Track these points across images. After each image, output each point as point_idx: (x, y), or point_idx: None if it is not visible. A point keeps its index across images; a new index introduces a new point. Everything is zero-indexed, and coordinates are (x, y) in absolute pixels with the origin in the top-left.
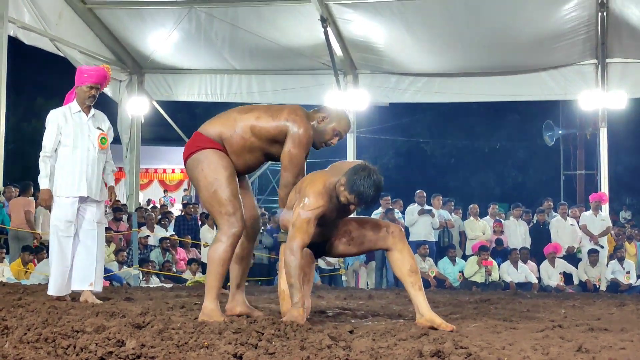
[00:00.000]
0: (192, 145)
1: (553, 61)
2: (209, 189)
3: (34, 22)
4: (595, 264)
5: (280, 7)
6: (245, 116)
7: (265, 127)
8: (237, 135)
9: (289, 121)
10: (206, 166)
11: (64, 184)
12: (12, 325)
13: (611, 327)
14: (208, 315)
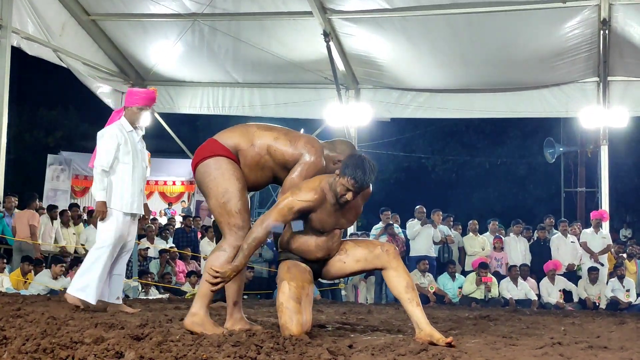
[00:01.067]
0: (205, 150)
1: (555, 78)
2: (219, 199)
3: (37, 33)
4: (595, 281)
5: (283, 21)
6: (264, 133)
7: (281, 150)
8: (254, 150)
9: (305, 150)
10: (219, 175)
11: (122, 200)
12: (10, 336)
13: (611, 345)
14: (200, 325)
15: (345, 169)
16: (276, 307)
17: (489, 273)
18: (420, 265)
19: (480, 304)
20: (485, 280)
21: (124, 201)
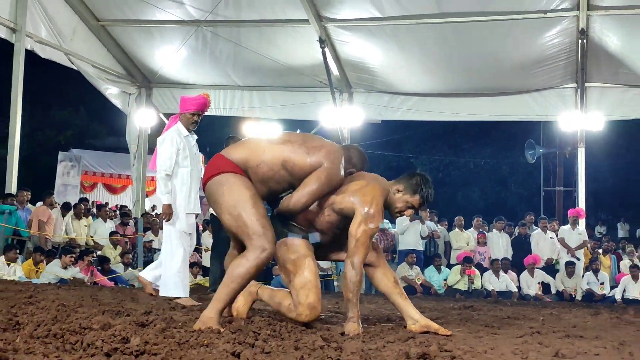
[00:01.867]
0: (212, 168)
1: (535, 84)
2: (233, 212)
3: (49, 37)
4: (572, 275)
5: (281, 28)
6: (277, 147)
7: (298, 164)
8: (265, 166)
9: (325, 160)
10: (227, 189)
11: (185, 201)
12: (23, 322)
13: (586, 334)
14: (204, 325)
15: (420, 189)
16: (299, 283)
17: (472, 266)
18: (409, 258)
19: (464, 295)
20: (469, 273)
21: (188, 203)
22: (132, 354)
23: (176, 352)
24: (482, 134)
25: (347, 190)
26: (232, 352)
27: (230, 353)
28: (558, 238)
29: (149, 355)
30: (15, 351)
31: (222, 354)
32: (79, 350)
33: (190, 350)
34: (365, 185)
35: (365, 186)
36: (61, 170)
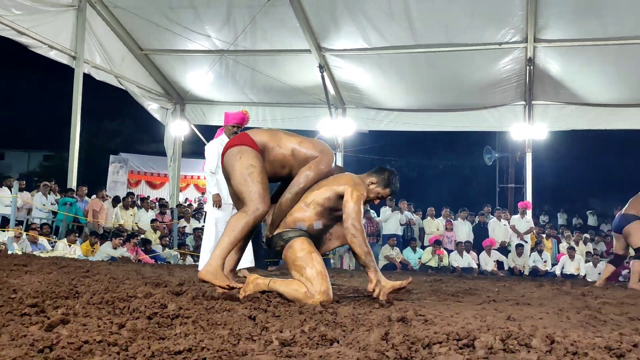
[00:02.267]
0: (237, 140)
1: (492, 101)
2: (244, 173)
3: (103, 63)
4: (520, 254)
5: (288, 56)
6: (290, 138)
7: (304, 152)
8: (279, 150)
9: (321, 152)
10: (245, 156)
11: (226, 195)
12: (81, 291)
13: (532, 302)
14: (212, 275)
15: (389, 184)
16: (312, 275)
17: (441, 247)
18: (390, 241)
19: (434, 270)
20: (438, 253)
21: (228, 196)
22: (168, 317)
23: (204, 315)
24: (449, 142)
25: (325, 185)
26: (249, 315)
27: (248, 317)
28: (510, 225)
29: (182, 319)
30: (75, 315)
31: (241, 317)
32: (126, 314)
33: (216, 315)
34: (338, 177)
35: (338, 177)
36: (112, 170)
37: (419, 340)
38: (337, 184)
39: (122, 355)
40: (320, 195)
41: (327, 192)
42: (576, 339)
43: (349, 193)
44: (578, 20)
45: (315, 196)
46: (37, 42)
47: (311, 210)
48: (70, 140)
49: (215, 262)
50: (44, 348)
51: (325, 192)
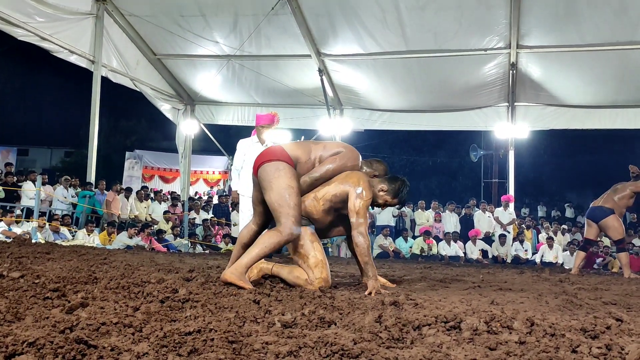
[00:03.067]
0: (272, 154)
1: (478, 103)
2: (283, 193)
3: (119, 66)
4: (503, 244)
5: (290, 61)
6: (316, 147)
7: (328, 153)
8: (311, 162)
9: (345, 148)
10: (284, 174)
11: (248, 188)
12: (99, 277)
13: (514, 287)
14: (237, 278)
15: (399, 194)
16: (313, 263)
17: (431, 237)
18: (384, 231)
19: (424, 258)
20: (428, 242)
21: (248, 189)
22: (179, 301)
23: (212, 300)
24: (438, 140)
25: (335, 180)
26: (253, 299)
27: (252, 301)
28: (494, 217)
29: (192, 302)
30: (94, 299)
31: (246, 301)
32: (140, 298)
33: (223, 299)
34: (348, 174)
35: (349, 174)
36: (128, 165)
37: (410, 322)
38: (346, 182)
39: (137, 336)
40: (330, 192)
41: (336, 190)
42: (554, 322)
43: (353, 201)
44: (557, 28)
45: (326, 192)
46: (58, 48)
47: (320, 206)
48: (89, 138)
49: (241, 268)
50: (64, 329)
51: (334, 189)
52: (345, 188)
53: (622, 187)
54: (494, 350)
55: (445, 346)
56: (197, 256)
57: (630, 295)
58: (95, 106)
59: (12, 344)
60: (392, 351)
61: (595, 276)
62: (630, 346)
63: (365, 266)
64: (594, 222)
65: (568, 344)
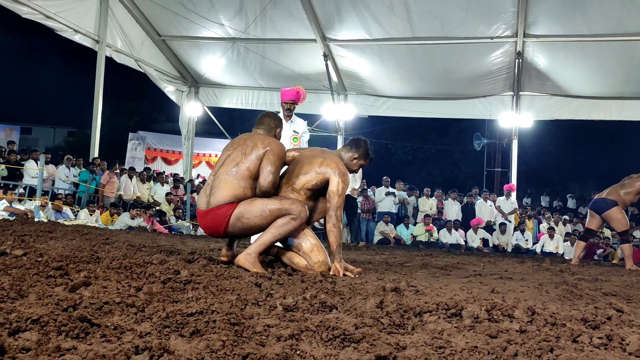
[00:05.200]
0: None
1: (482, 92)
2: (264, 208)
3: (124, 47)
4: (504, 233)
5: (295, 45)
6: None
7: (250, 166)
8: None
9: (267, 145)
10: (250, 205)
11: None
12: (102, 257)
13: (514, 276)
14: (251, 263)
15: (367, 153)
16: (308, 248)
17: (431, 223)
18: (385, 218)
19: (425, 246)
20: (428, 229)
21: None
22: (181, 283)
23: (214, 282)
24: (442, 128)
25: (312, 168)
26: (255, 283)
27: (254, 284)
28: (495, 206)
29: (194, 284)
30: (96, 278)
31: (248, 284)
32: (142, 279)
33: (224, 281)
34: (325, 159)
35: (325, 159)
36: (130, 146)
37: (411, 308)
38: (326, 167)
39: (139, 316)
40: (310, 182)
41: (315, 178)
42: (555, 311)
43: (335, 184)
44: (565, 17)
45: (306, 182)
46: (62, 26)
47: (302, 196)
48: (92, 118)
49: (254, 253)
50: (67, 307)
51: (313, 178)
52: (326, 174)
53: (631, 182)
54: (494, 338)
55: (446, 333)
56: (199, 238)
57: (630, 287)
58: (99, 86)
59: (16, 321)
60: (393, 337)
61: (596, 267)
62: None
63: (336, 248)
64: (597, 213)
65: (569, 333)
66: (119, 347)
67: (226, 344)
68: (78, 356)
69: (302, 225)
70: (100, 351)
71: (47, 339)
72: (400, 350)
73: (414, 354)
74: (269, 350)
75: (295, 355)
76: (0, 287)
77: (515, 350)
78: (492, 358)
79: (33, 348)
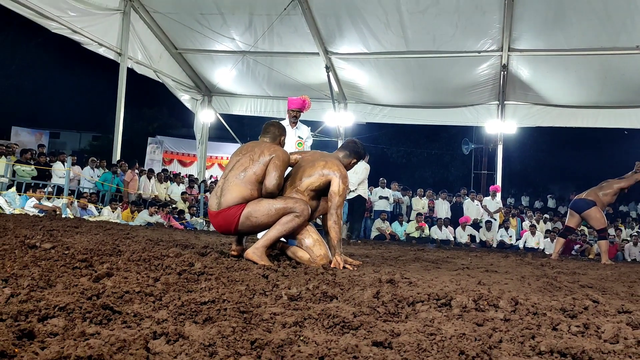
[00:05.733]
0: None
1: (471, 101)
2: (270, 207)
3: (144, 59)
4: (490, 230)
5: (299, 58)
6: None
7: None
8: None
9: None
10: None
11: None
12: (123, 250)
13: (499, 270)
14: (259, 257)
15: (361, 153)
16: (310, 243)
17: (423, 220)
18: (381, 215)
19: (417, 241)
20: (421, 225)
21: None
22: (195, 274)
23: (225, 273)
24: (433, 134)
25: (316, 171)
26: (262, 274)
27: (262, 275)
28: (482, 205)
29: (206, 275)
30: (118, 269)
31: (256, 276)
32: (160, 270)
33: (234, 273)
34: (326, 162)
35: (326, 162)
36: (149, 150)
37: (405, 299)
38: (328, 170)
39: (157, 304)
40: (314, 183)
41: (318, 180)
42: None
43: (337, 185)
44: (546, 33)
45: (310, 184)
46: (88, 40)
47: (306, 196)
48: (115, 124)
49: (262, 248)
50: (91, 296)
51: (316, 180)
52: (329, 176)
53: (608, 184)
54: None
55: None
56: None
57: (605, 280)
58: (121, 95)
59: (44, 308)
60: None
61: (574, 261)
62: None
63: (337, 243)
64: (576, 212)
65: (549, 322)
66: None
67: (236, 330)
68: (101, 340)
69: (305, 222)
70: (121, 336)
71: (72, 324)
72: (394, 337)
73: (407, 340)
74: (275, 336)
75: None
76: (31, 277)
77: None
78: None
79: (60, 333)
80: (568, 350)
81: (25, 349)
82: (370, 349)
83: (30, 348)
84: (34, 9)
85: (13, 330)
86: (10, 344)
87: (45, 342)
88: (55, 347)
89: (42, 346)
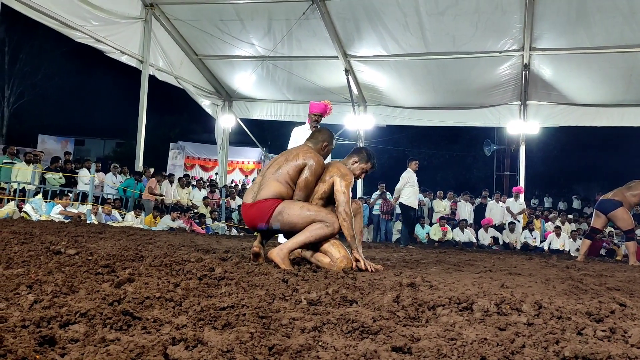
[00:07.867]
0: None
1: (492, 101)
2: (304, 213)
3: (165, 66)
4: (514, 231)
5: (319, 61)
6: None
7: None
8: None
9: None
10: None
11: None
12: (145, 255)
13: (523, 272)
14: (281, 259)
15: (369, 158)
16: (330, 246)
17: (445, 224)
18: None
19: (439, 244)
20: (443, 229)
21: None
22: (215, 279)
23: (245, 278)
24: (454, 135)
25: (323, 179)
26: (282, 279)
27: (281, 280)
28: (505, 206)
29: (227, 280)
30: (140, 275)
31: (276, 280)
32: (181, 275)
33: (255, 277)
34: (327, 168)
35: (327, 168)
36: (171, 155)
37: (425, 302)
38: (329, 174)
39: (177, 309)
40: (321, 190)
41: (323, 187)
42: (561, 305)
43: (338, 183)
44: (568, 31)
45: (315, 193)
46: (111, 49)
47: (320, 202)
48: (137, 130)
49: (286, 250)
50: (113, 301)
51: (324, 186)
52: (331, 179)
53: (636, 185)
54: (503, 331)
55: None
56: (233, 238)
57: (633, 282)
58: (143, 101)
59: (66, 314)
60: (408, 329)
61: (600, 263)
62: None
63: (351, 239)
64: (602, 213)
65: (574, 326)
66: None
67: (254, 335)
68: (121, 347)
69: (332, 235)
70: (141, 342)
71: (93, 330)
72: (414, 342)
73: (427, 345)
74: (294, 341)
75: (318, 346)
76: (55, 283)
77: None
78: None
79: (81, 339)
80: (593, 356)
81: (46, 356)
82: (390, 354)
83: (50, 355)
84: (59, 19)
85: (35, 337)
86: (32, 350)
87: (65, 348)
88: (75, 354)
89: (62, 352)
